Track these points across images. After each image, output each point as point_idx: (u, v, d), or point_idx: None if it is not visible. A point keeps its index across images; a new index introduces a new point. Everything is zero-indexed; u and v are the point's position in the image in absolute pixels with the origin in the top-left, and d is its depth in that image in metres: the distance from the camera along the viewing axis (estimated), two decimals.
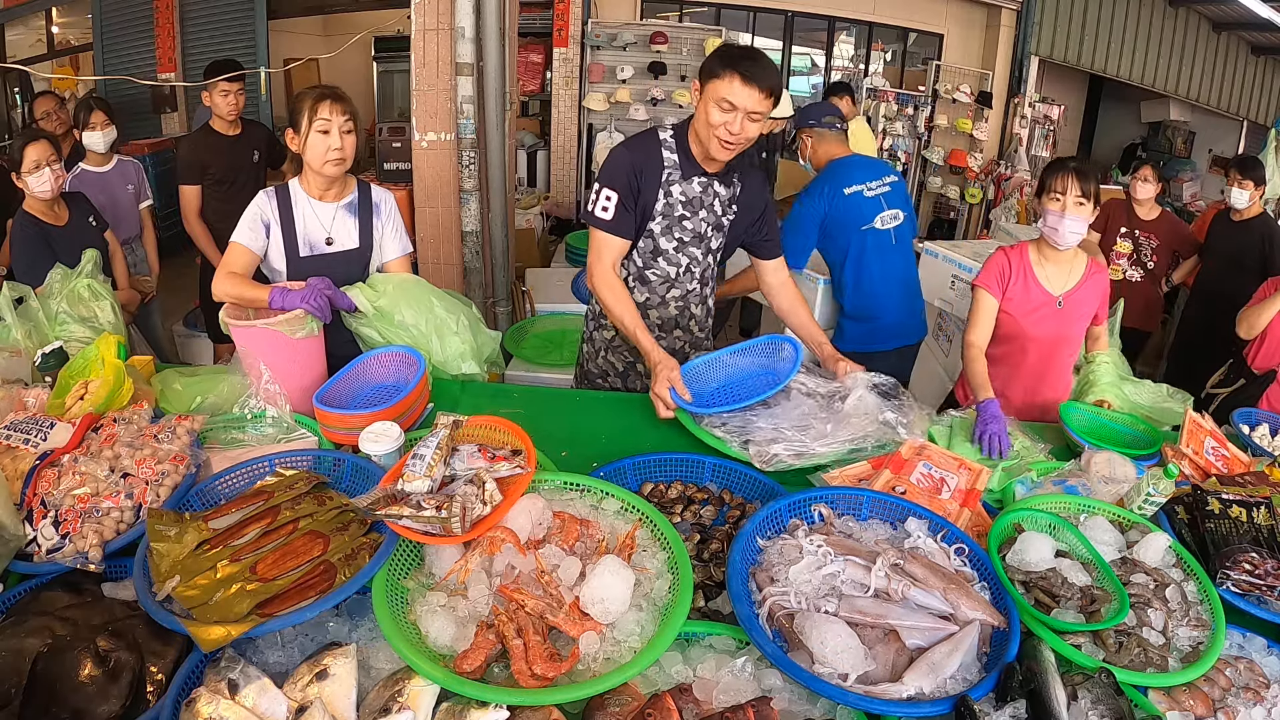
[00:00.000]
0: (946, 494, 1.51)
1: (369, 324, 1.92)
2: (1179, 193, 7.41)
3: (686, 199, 1.95)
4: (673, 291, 2.05)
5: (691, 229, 1.98)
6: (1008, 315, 2.21)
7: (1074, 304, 2.21)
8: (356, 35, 5.18)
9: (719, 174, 1.96)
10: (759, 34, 7.87)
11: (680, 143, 1.93)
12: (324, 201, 2.03)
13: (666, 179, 1.93)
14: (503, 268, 3.66)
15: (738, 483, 1.57)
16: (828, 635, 1.09)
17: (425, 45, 3.28)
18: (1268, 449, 1.85)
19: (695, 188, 1.95)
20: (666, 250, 1.99)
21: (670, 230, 1.97)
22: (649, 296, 2.05)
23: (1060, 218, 2.08)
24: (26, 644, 1.06)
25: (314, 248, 2.03)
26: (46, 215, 2.74)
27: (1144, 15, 7.28)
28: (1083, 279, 2.22)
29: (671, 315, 2.08)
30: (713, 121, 1.79)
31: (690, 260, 2.02)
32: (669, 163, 1.92)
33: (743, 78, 1.72)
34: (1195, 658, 1.17)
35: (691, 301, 2.09)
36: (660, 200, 1.94)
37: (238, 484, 1.40)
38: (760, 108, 1.76)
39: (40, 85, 6.34)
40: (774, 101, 1.77)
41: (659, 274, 2.03)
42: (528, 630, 1.08)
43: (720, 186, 1.98)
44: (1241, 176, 3.72)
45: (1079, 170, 2.07)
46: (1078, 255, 2.23)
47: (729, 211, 2.02)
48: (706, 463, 1.59)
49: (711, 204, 1.98)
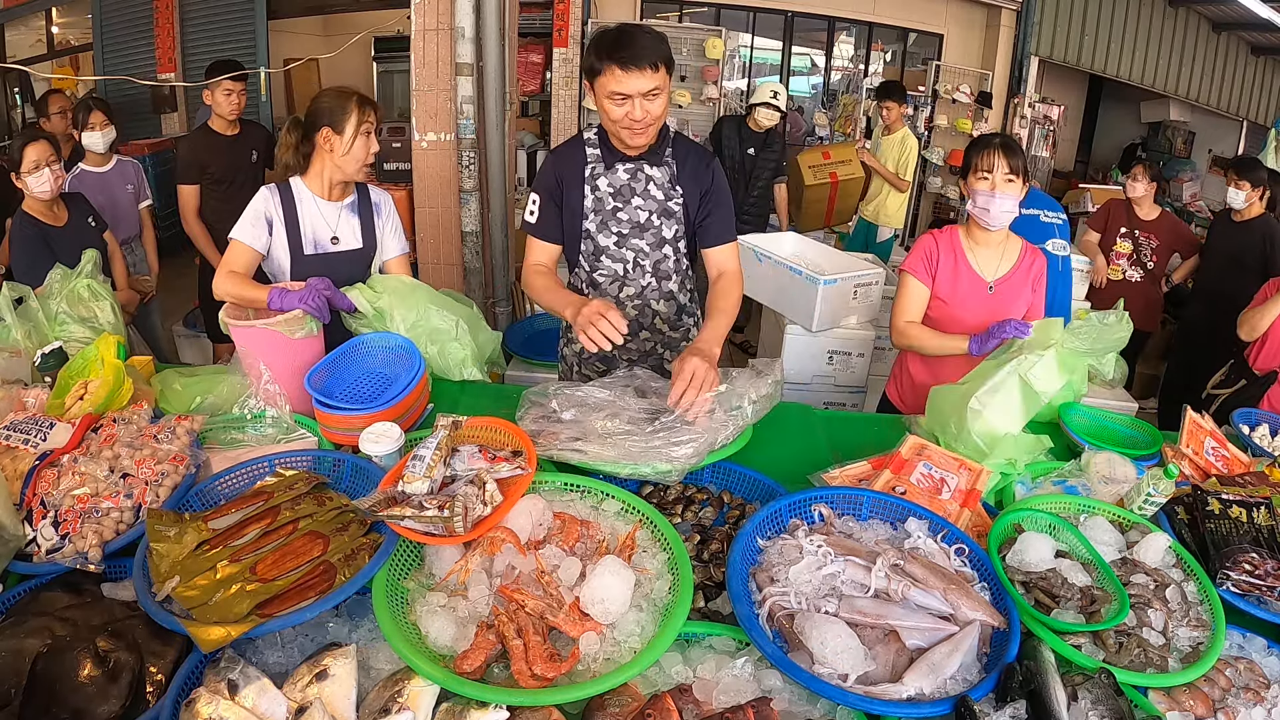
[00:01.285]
0: (946, 494, 1.51)
1: (368, 325, 1.92)
2: (1179, 193, 7.40)
3: (614, 189, 1.91)
4: (625, 290, 1.99)
5: (628, 219, 1.93)
6: (938, 299, 2.11)
7: (1006, 290, 2.10)
8: (356, 35, 5.18)
9: (646, 155, 1.90)
10: (759, 34, 7.87)
11: (603, 136, 1.90)
12: (330, 201, 2.05)
13: (590, 174, 1.90)
14: (503, 268, 3.66)
15: (737, 483, 1.57)
16: (828, 635, 1.09)
17: (425, 45, 3.28)
18: (1268, 449, 1.85)
19: (622, 175, 1.91)
20: (607, 247, 1.95)
21: (606, 225, 1.93)
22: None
23: (990, 196, 1.98)
24: (26, 644, 1.06)
25: (319, 246, 2.04)
26: (45, 215, 2.74)
27: (1144, 15, 7.28)
28: (1016, 264, 2.11)
29: (631, 316, 2.01)
30: (614, 117, 1.76)
31: (636, 253, 1.96)
32: (590, 158, 1.90)
33: (621, 65, 1.67)
34: (1195, 658, 1.17)
35: (650, 299, 2.01)
36: (588, 196, 1.91)
37: (237, 484, 1.40)
38: (653, 84, 1.70)
39: (40, 85, 6.34)
40: (667, 70, 1.71)
41: (606, 274, 1.98)
42: (528, 630, 1.08)
43: (652, 168, 1.91)
44: (1238, 177, 3.73)
45: (1005, 145, 1.99)
46: (1010, 239, 2.13)
47: (674, 194, 1.93)
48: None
49: (645, 189, 1.92)
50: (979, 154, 2.01)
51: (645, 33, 1.71)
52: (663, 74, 1.71)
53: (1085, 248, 4.18)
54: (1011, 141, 2.01)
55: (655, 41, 1.71)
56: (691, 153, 1.95)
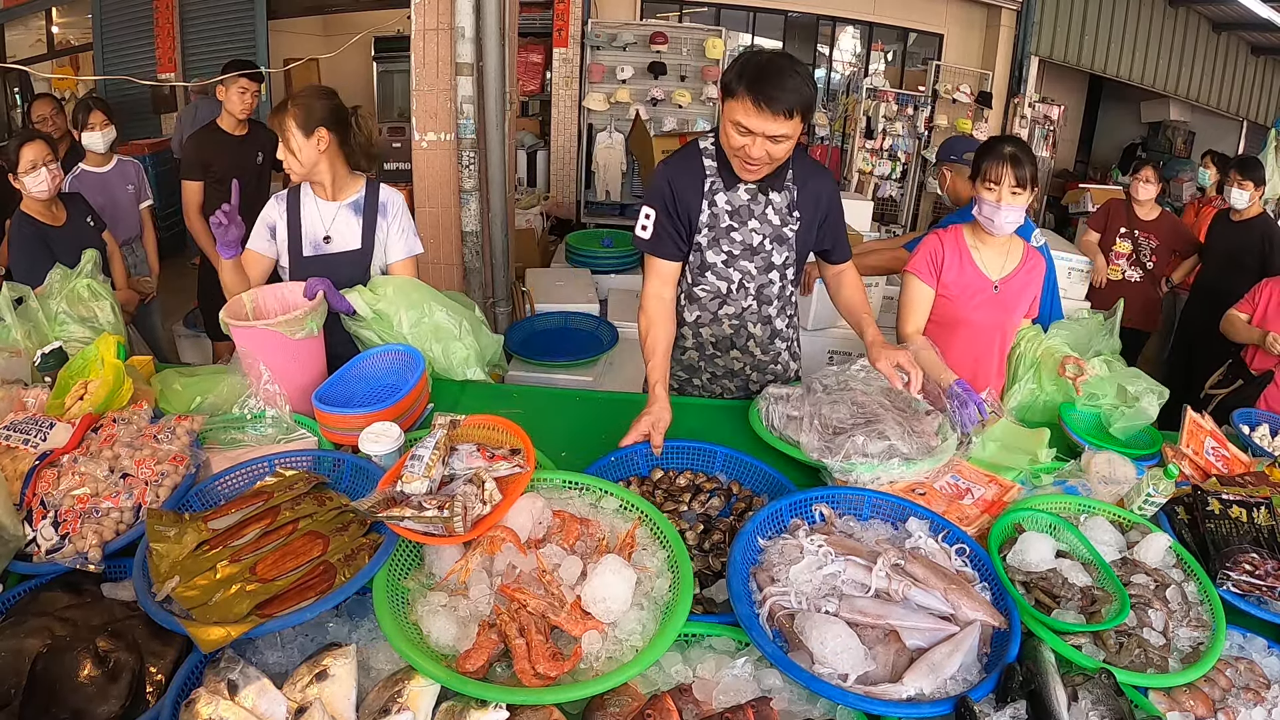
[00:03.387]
0: (969, 500, 1.49)
1: (368, 326, 1.92)
2: (1179, 193, 7.40)
3: (733, 208, 1.83)
4: (725, 309, 1.93)
5: (741, 240, 1.85)
6: (943, 299, 2.11)
7: (1011, 290, 2.10)
8: (356, 35, 5.17)
9: (768, 179, 1.80)
10: (759, 34, 7.87)
11: (720, 152, 1.80)
12: (328, 200, 2.05)
13: (710, 188, 1.82)
14: (503, 268, 3.65)
15: (747, 475, 1.58)
16: (828, 635, 1.09)
17: (425, 45, 3.28)
18: (1268, 449, 1.85)
19: (742, 195, 1.82)
20: (714, 264, 1.87)
21: (717, 242, 1.85)
22: (700, 314, 1.95)
23: (996, 208, 1.98)
24: (26, 644, 1.06)
25: (316, 247, 2.04)
26: (44, 216, 2.74)
27: (1144, 15, 7.28)
28: (1020, 265, 2.12)
29: (726, 334, 1.96)
30: (733, 145, 1.68)
31: (743, 275, 1.89)
32: (710, 170, 1.81)
33: (755, 101, 1.58)
34: (1195, 658, 1.17)
35: (749, 320, 1.95)
36: (704, 211, 1.82)
37: (237, 484, 1.40)
38: (781, 131, 1.62)
39: (40, 85, 6.34)
40: (801, 121, 1.63)
41: (708, 289, 1.91)
42: (530, 629, 1.08)
43: (774, 193, 1.83)
44: (1241, 177, 3.73)
45: (1014, 158, 1.95)
46: (1013, 239, 2.13)
47: (790, 220, 1.86)
48: (718, 452, 1.60)
49: (764, 213, 1.84)
50: (988, 163, 1.99)
51: (795, 73, 1.60)
52: (796, 121, 1.62)
53: (1085, 248, 4.18)
54: (1020, 153, 1.97)
55: (801, 84, 1.60)
56: (812, 176, 1.87)
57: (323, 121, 1.95)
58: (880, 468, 1.47)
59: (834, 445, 1.53)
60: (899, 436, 1.53)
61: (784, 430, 1.67)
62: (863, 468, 1.47)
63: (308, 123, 1.93)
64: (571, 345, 2.93)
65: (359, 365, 1.79)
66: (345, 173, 2.06)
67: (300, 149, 1.95)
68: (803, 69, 1.64)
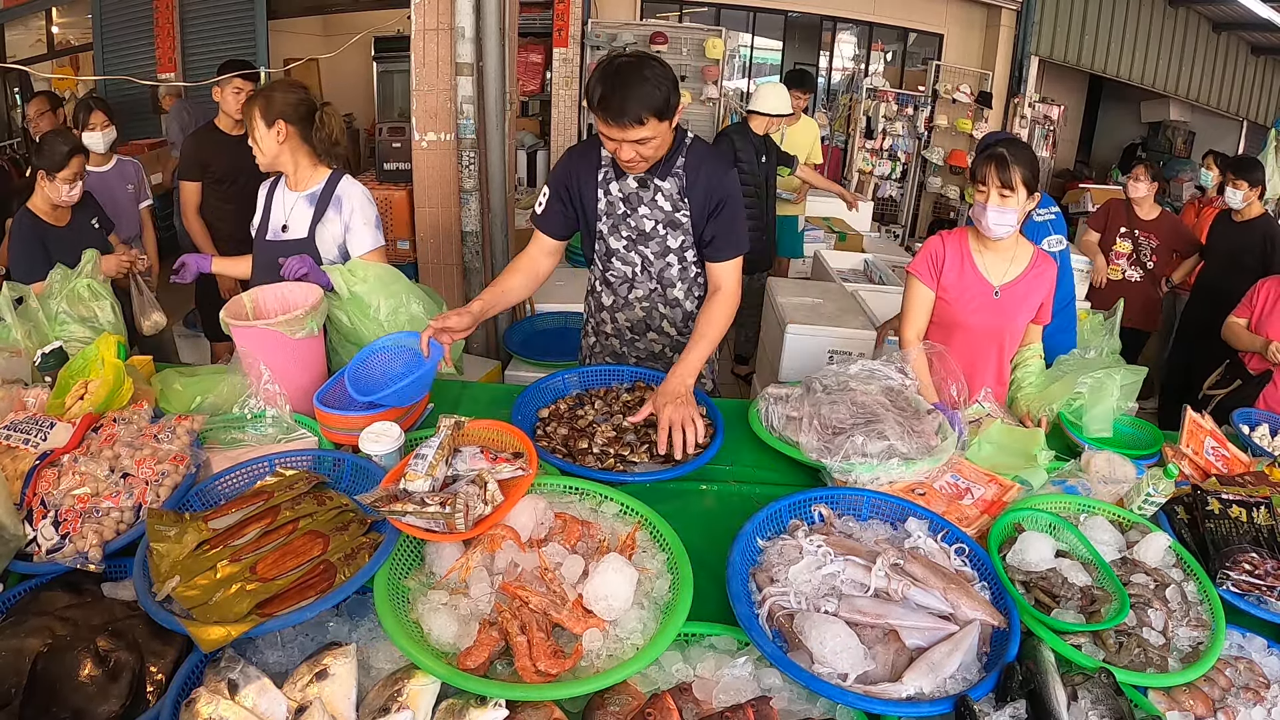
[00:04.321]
0: (969, 500, 1.49)
1: (341, 307, 1.93)
2: (1179, 193, 7.41)
3: (624, 195, 1.92)
4: (634, 292, 2.04)
5: (635, 226, 1.94)
6: (943, 301, 2.08)
7: (1013, 296, 2.05)
8: (356, 35, 5.18)
9: (655, 169, 1.86)
10: (759, 34, 7.87)
11: None
12: (292, 190, 2.11)
13: (603, 178, 1.92)
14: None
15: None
16: (827, 635, 1.09)
17: (425, 45, 3.28)
18: (1268, 449, 1.85)
19: (631, 184, 1.90)
20: (618, 250, 1.99)
21: (617, 229, 1.96)
22: (614, 299, 2.07)
23: (984, 209, 1.94)
24: (26, 644, 1.06)
25: (275, 233, 2.11)
26: (48, 215, 2.73)
27: (1144, 15, 7.28)
28: (1025, 271, 2.05)
29: (639, 317, 2.07)
30: (606, 148, 1.79)
31: (643, 259, 1.98)
32: (604, 161, 1.91)
33: (603, 116, 1.67)
34: (1195, 658, 1.17)
35: (657, 303, 2.04)
36: (600, 199, 1.93)
37: (238, 484, 1.40)
38: (638, 136, 1.67)
39: (40, 85, 6.33)
40: (659, 120, 1.67)
41: (616, 274, 2.03)
42: (531, 627, 1.08)
43: (662, 180, 1.88)
44: (1236, 177, 3.73)
45: (999, 159, 1.89)
46: (1020, 244, 2.07)
47: (681, 205, 1.90)
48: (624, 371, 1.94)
49: (654, 199, 1.90)
50: (978, 164, 1.97)
51: (635, 85, 1.63)
52: (651, 125, 1.66)
53: (1085, 248, 4.18)
54: (1007, 156, 1.89)
55: (650, 89, 1.63)
56: (705, 164, 1.88)
57: (282, 114, 2.00)
58: (880, 468, 1.47)
59: (833, 445, 1.53)
60: (898, 436, 1.53)
61: (783, 430, 1.68)
62: (862, 468, 1.47)
63: (268, 114, 2.00)
64: (571, 345, 2.93)
65: (376, 353, 1.78)
66: (309, 164, 2.09)
67: (261, 139, 2.02)
68: (653, 70, 1.65)
